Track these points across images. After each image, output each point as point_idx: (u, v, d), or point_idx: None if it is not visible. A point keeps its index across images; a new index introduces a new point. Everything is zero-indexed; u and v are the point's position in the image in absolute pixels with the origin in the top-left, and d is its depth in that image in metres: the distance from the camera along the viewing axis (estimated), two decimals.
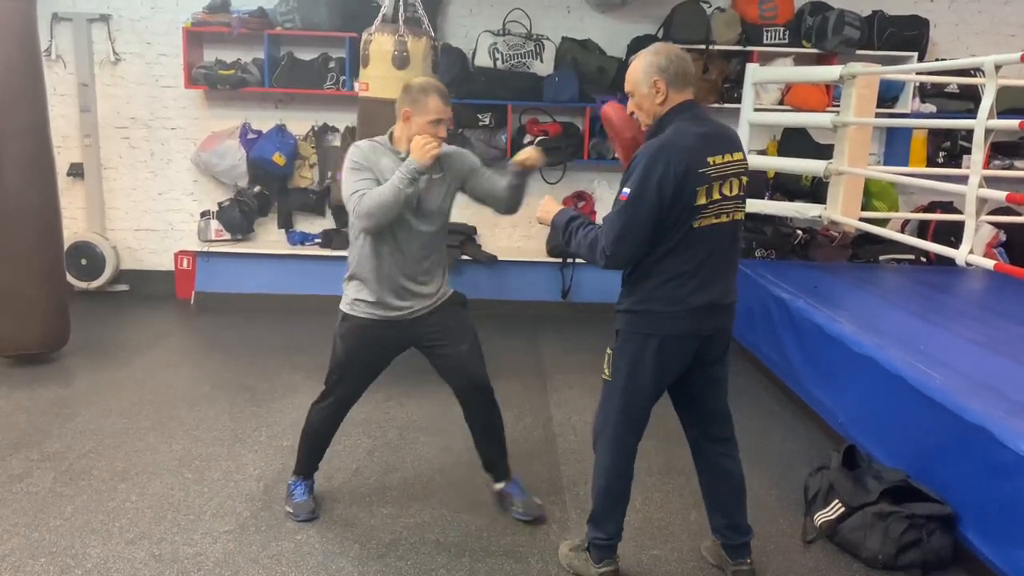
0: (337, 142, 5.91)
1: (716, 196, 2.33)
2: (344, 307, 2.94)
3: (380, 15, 4.17)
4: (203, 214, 5.99)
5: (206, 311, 5.80)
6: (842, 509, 2.95)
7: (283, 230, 6.09)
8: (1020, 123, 3.28)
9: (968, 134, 5.86)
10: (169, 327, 5.49)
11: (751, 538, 2.66)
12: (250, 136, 5.87)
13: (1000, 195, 3.33)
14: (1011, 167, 5.81)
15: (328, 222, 6.12)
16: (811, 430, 3.94)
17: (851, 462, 3.12)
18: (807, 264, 5.61)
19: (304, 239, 6.04)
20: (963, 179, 3.58)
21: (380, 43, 4.01)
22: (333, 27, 5.62)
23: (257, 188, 5.93)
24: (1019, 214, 5.78)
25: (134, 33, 5.88)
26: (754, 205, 5.19)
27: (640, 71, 2.38)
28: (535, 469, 3.43)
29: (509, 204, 2.91)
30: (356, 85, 5.59)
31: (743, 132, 5.27)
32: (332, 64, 5.75)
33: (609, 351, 2.51)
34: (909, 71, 5.21)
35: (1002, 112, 5.76)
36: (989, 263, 3.35)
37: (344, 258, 5.86)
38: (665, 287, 2.36)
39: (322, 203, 6.06)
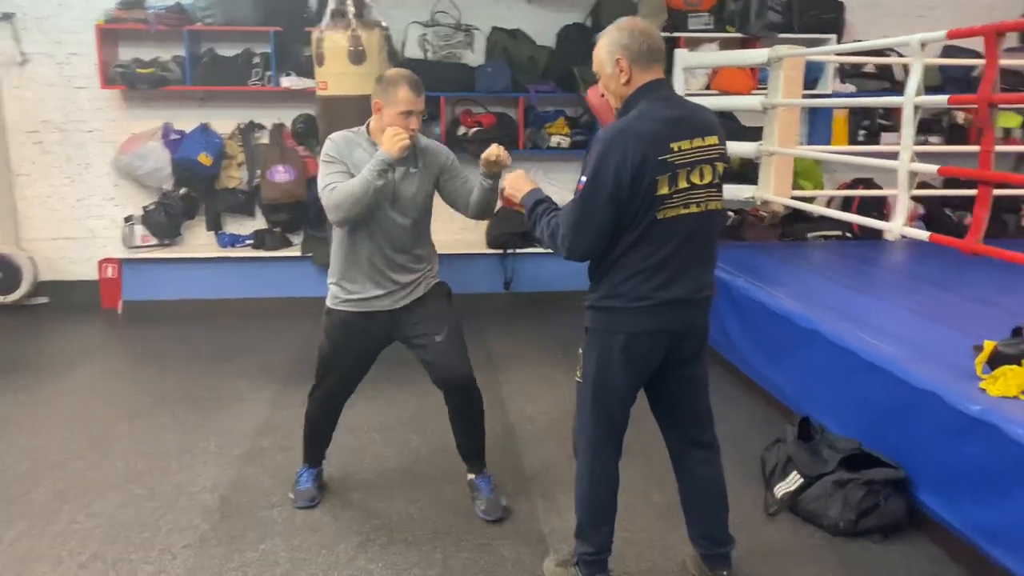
0: (265, 139, 5.75)
1: (683, 184, 2.18)
2: (328, 302, 2.92)
3: (329, 12, 4.08)
4: (127, 219, 5.75)
5: (136, 320, 5.57)
6: (801, 480, 3.02)
7: (212, 232, 5.90)
8: (949, 98, 3.41)
9: (887, 112, 6.10)
10: (98, 339, 5.26)
11: (731, 548, 2.53)
12: (173, 137, 5.66)
13: (932, 168, 3.46)
14: (926, 143, 6.05)
15: (259, 222, 5.95)
16: (760, 405, 4.02)
17: (805, 434, 3.20)
18: (740, 244, 5.72)
19: (235, 241, 5.86)
20: (891, 155, 3.70)
21: (334, 40, 3.94)
22: (256, 21, 5.45)
23: (183, 190, 5.72)
24: (934, 188, 6.04)
25: (41, 32, 5.59)
26: None
27: (603, 49, 2.25)
28: (498, 460, 3.39)
29: (478, 209, 2.89)
30: (288, 83, 5.52)
31: None
32: (256, 60, 5.58)
33: (580, 351, 2.41)
34: (834, 52, 5.34)
35: None
36: (924, 234, 3.48)
37: (278, 258, 5.77)
38: (630, 282, 2.23)
39: (252, 203, 5.88)
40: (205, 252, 5.79)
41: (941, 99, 3.50)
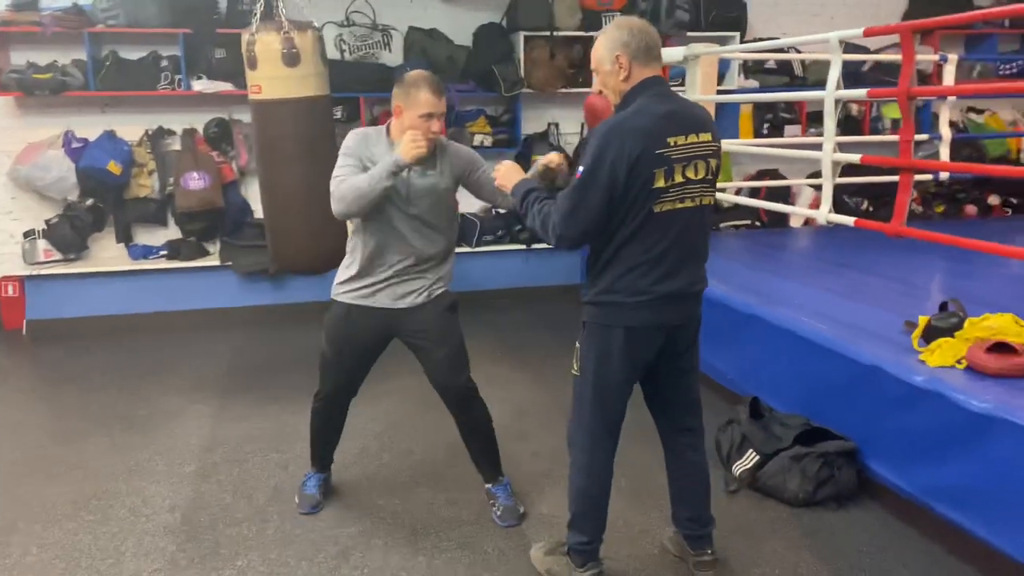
0: (177, 145, 5.53)
1: (679, 179, 2.22)
2: (332, 293, 2.90)
3: (257, 14, 3.96)
4: (27, 234, 5.41)
5: (44, 341, 5.26)
6: (757, 457, 3.18)
7: (122, 244, 5.62)
8: (868, 92, 3.63)
9: (788, 106, 6.43)
10: (4, 362, 4.93)
11: (713, 528, 2.64)
12: (75, 145, 5.36)
13: (855, 158, 3.69)
14: (823, 134, 6.40)
15: (172, 232, 5.71)
16: (702, 390, 4.15)
17: (756, 414, 3.36)
18: None
19: (147, 252, 5.61)
20: (804, 147, 3.92)
21: (266, 43, 3.81)
22: (163, 23, 5.24)
23: (90, 201, 5.43)
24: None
25: None
26: None
27: (603, 47, 2.28)
28: (463, 460, 3.39)
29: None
30: (200, 86, 5.33)
31: None
32: (165, 63, 5.36)
33: (577, 345, 2.44)
34: (753, 49, 5.55)
35: (812, 84, 6.38)
36: (849, 220, 3.69)
37: (195, 269, 5.56)
38: (628, 276, 2.28)
39: (164, 212, 5.65)
40: (116, 265, 5.52)
41: (860, 92, 3.73)
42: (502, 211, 5.67)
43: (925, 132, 6.46)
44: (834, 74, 3.71)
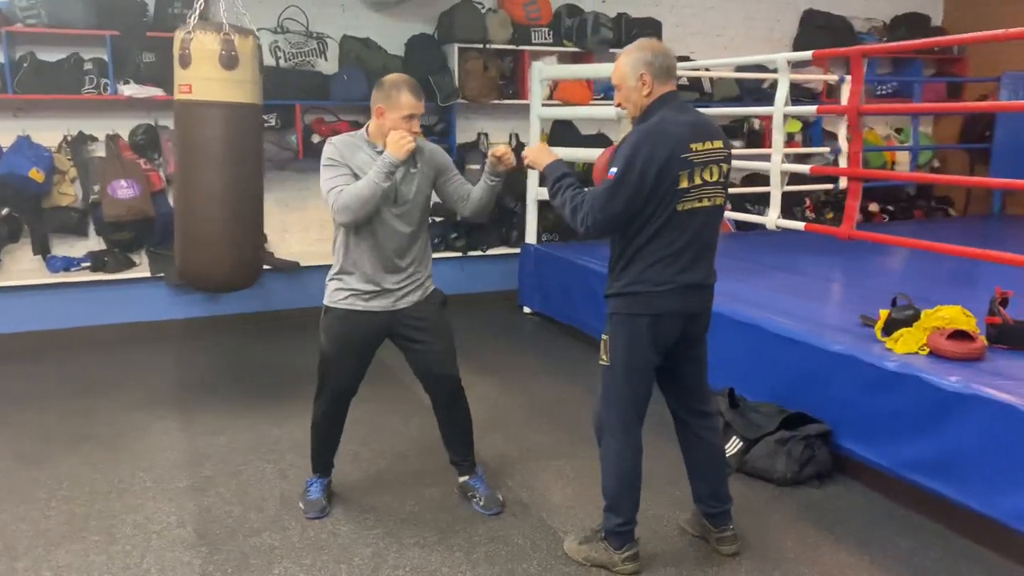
0: (101, 152, 5.29)
1: (698, 181, 2.47)
2: (326, 300, 2.94)
3: (196, 12, 3.87)
4: None
5: None
6: (741, 443, 3.44)
7: (39, 257, 5.29)
8: (818, 108, 4.01)
9: None
10: None
11: (731, 506, 2.84)
12: None
13: (804, 168, 4.05)
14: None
15: (92, 243, 5.43)
16: None
17: (732, 403, 3.63)
18: (600, 243, 6.15)
19: (68, 264, 5.30)
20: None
21: (203, 42, 3.72)
22: (88, 24, 5.00)
23: (5, 211, 5.09)
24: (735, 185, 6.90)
25: None
26: (542, 193, 5.63)
27: (628, 66, 2.53)
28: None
29: (478, 207, 2.97)
30: (130, 91, 5.09)
31: (534, 126, 5.67)
32: (89, 65, 5.11)
33: (604, 337, 2.62)
34: (693, 67, 5.90)
35: (718, 101, 6.84)
36: (799, 225, 4.05)
37: (122, 281, 5.32)
38: (654, 268, 2.51)
39: (85, 222, 5.37)
40: (33, 279, 5.20)
41: (811, 109, 4.10)
42: (457, 219, 5.73)
43: (816, 145, 7.09)
44: (782, 92, 4.07)
